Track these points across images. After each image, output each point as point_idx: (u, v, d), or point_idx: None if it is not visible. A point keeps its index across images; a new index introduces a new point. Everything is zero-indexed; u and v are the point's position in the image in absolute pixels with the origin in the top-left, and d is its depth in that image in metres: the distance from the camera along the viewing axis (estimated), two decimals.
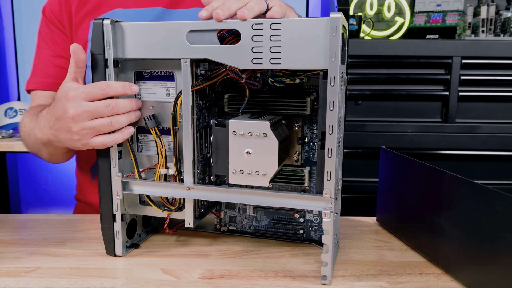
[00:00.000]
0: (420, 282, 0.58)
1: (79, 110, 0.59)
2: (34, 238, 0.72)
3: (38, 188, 2.01)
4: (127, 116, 0.60)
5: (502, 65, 1.41)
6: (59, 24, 0.87)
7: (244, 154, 0.57)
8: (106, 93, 0.59)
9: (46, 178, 2.01)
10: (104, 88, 0.59)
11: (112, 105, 0.59)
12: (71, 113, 0.59)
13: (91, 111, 0.59)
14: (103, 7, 0.85)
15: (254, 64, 0.55)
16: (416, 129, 1.46)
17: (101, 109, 0.59)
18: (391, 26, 1.72)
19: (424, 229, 0.64)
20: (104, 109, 0.59)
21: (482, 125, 1.44)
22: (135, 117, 0.62)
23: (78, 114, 0.59)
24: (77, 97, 0.59)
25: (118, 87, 0.59)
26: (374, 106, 1.47)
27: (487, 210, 0.52)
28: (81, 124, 0.59)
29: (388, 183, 0.75)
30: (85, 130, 0.60)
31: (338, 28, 0.51)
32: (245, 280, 0.58)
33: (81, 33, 0.85)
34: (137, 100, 0.62)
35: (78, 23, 0.85)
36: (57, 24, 0.87)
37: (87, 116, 0.59)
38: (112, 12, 0.85)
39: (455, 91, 1.43)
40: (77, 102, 0.59)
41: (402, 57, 1.44)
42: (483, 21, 1.51)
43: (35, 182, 1.97)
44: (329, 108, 0.53)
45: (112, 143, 0.61)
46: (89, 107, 0.59)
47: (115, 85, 0.59)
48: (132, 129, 0.61)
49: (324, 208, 0.55)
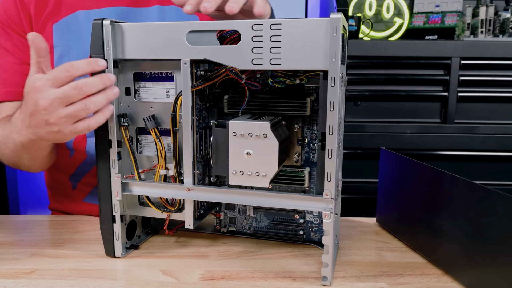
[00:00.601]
0: (421, 283, 0.58)
1: (49, 99, 0.55)
2: (33, 239, 0.72)
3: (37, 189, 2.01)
4: (103, 95, 0.57)
5: (501, 65, 1.41)
6: (19, 30, 0.81)
7: (244, 155, 0.57)
8: (72, 74, 0.56)
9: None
10: (68, 70, 0.56)
11: (80, 86, 0.55)
12: (42, 104, 0.56)
13: (61, 97, 0.55)
14: (63, 9, 0.81)
15: (254, 65, 0.55)
16: (415, 130, 1.46)
17: (69, 92, 0.55)
18: (390, 27, 1.72)
19: (424, 230, 0.64)
20: (73, 91, 0.55)
21: (481, 126, 1.44)
22: (113, 94, 0.58)
23: (49, 103, 0.56)
24: (44, 85, 0.56)
25: (82, 65, 0.56)
26: (373, 107, 1.47)
27: (488, 211, 0.51)
28: (56, 113, 0.56)
29: (388, 184, 0.75)
30: (62, 118, 0.56)
31: (339, 29, 0.51)
32: (245, 281, 0.58)
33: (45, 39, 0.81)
34: (109, 74, 0.58)
35: (40, 29, 0.80)
36: (17, 30, 0.82)
37: (59, 103, 0.56)
38: (74, 14, 0.81)
39: (454, 91, 1.43)
40: (45, 91, 0.56)
41: (401, 57, 1.44)
42: (482, 22, 1.51)
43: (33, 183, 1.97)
44: (329, 109, 0.53)
45: (96, 125, 0.58)
46: (57, 93, 0.55)
47: (79, 64, 0.56)
48: (112, 106, 0.59)
49: (325, 209, 0.55)
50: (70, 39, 0.79)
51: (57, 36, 0.79)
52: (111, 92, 0.58)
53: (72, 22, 0.80)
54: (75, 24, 0.80)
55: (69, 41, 0.79)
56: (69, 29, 0.79)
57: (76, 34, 0.79)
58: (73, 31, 0.79)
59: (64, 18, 0.80)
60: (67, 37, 0.79)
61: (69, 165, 0.87)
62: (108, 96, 0.58)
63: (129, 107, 0.64)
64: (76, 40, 0.79)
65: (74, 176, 0.88)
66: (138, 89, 0.64)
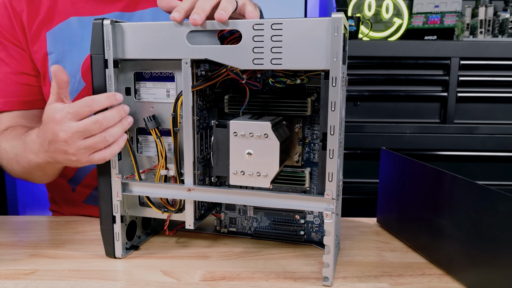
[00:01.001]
0: (422, 283, 0.58)
1: (69, 132, 0.57)
2: (32, 240, 0.72)
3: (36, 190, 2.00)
4: (120, 126, 0.59)
5: (500, 66, 1.41)
6: (13, 39, 0.81)
7: (245, 155, 0.57)
8: (93, 109, 0.58)
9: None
10: (90, 105, 0.57)
11: (100, 120, 0.57)
12: (63, 137, 0.58)
13: (82, 131, 0.57)
14: (56, 16, 0.81)
15: (255, 65, 0.55)
16: (415, 130, 1.46)
17: (90, 127, 0.57)
18: (389, 27, 1.72)
19: (425, 230, 0.64)
20: (94, 126, 0.57)
21: (480, 126, 1.44)
22: (128, 124, 0.61)
23: (70, 137, 0.57)
24: (64, 118, 0.57)
25: (103, 100, 0.58)
26: (373, 107, 1.47)
27: (489, 211, 0.51)
28: (75, 145, 0.58)
29: (389, 184, 0.75)
30: (81, 150, 0.58)
31: (340, 28, 0.51)
32: (246, 282, 0.58)
33: (39, 46, 0.80)
34: (124, 106, 0.60)
35: (34, 36, 0.80)
36: (11, 39, 0.81)
37: (79, 137, 0.58)
38: (67, 21, 0.80)
39: (453, 92, 1.43)
40: (65, 124, 0.57)
41: (400, 58, 1.44)
42: (481, 22, 1.51)
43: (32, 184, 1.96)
44: (330, 109, 0.52)
45: (111, 156, 0.60)
46: (78, 128, 0.57)
47: (99, 98, 0.58)
48: (125, 136, 0.61)
49: (326, 209, 0.55)
50: (64, 46, 0.79)
51: (50, 43, 0.79)
52: (126, 122, 0.60)
53: (65, 29, 0.80)
54: (68, 30, 0.80)
55: (62, 47, 0.79)
56: (62, 36, 0.79)
57: (69, 41, 0.79)
58: (66, 38, 0.79)
59: (57, 26, 0.80)
60: (60, 44, 0.79)
61: (69, 168, 0.87)
62: (124, 127, 0.60)
63: (129, 107, 0.63)
64: (70, 47, 0.79)
65: (74, 179, 0.88)
66: (138, 89, 0.64)
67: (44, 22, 0.80)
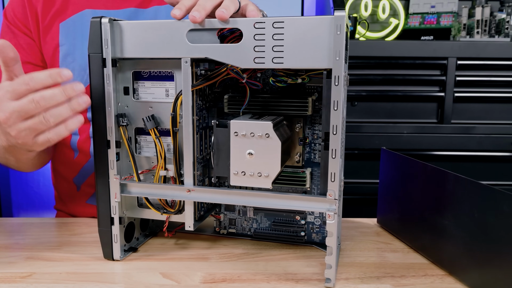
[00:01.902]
0: (425, 284, 0.57)
1: (6, 112, 0.53)
2: (28, 242, 0.71)
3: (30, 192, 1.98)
4: (66, 106, 0.54)
5: (497, 66, 1.41)
6: (25, 28, 0.80)
7: (246, 155, 0.56)
8: (31, 88, 0.53)
9: (38, 181, 1.98)
10: (27, 83, 0.53)
11: (36, 99, 0.52)
12: (1, 118, 0.54)
13: (18, 111, 0.53)
14: (71, 7, 0.80)
15: (256, 64, 0.54)
16: (412, 130, 1.46)
17: (26, 106, 0.52)
18: (386, 28, 1.72)
19: (427, 230, 0.64)
20: (30, 105, 0.52)
21: (477, 126, 1.44)
22: (79, 105, 0.54)
23: (7, 117, 0.53)
24: (3, 97, 0.53)
25: (43, 78, 0.53)
26: (370, 107, 1.47)
27: (494, 211, 0.51)
28: (15, 126, 0.54)
29: (389, 184, 0.74)
30: (22, 132, 0.54)
31: (343, 27, 0.50)
32: (247, 284, 0.57)
33: (51, 37, 0.79)
34: (75, 84, 0.54)
35: (47, 27, 0.79)
36: (22, 28, 0.80)
37: (17, 117, 0.53)
38: (81, 13, 0.80)
39: (450, 92, 1.43)
40: (3, 104, 0.53)
41: (397, 58, 1.44)
42: (478, 23, 1.51)
43: (26, 185, 1.94)
44: (333, 108, 0.52)
45: (58, 138, 0.55)
46: (15, 107, 0.53)
47: (39, 76, 0.53)
48: (80, 117, 0.55)
49: (328, 210, 0.54)
50: (76, 38, 0.78)
51: (63, 34, 0.78)
52: (77, 102, 0.55)
53: (78, 21, 0.79)
54: (81, 23, 0.79)
55: (74, 40, 0.78)
56: (75, 28, 0.79)
57: (81, 33, 0.78)
58: (79, 30, 0.79)
59: (71, 17, 0.79)
60: (72, 36, 0.78)
61: (74, 166, 0.87)
62: (73, 107, 0.54)
63: (128, 107, 0.63)
64: (82, 40, 0.78)
65: (78, 177, 0.88)
66: (136, 88, 0.63)
67: (58, 13, 0.79)
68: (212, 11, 0.55)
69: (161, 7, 0.84)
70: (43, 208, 1.99)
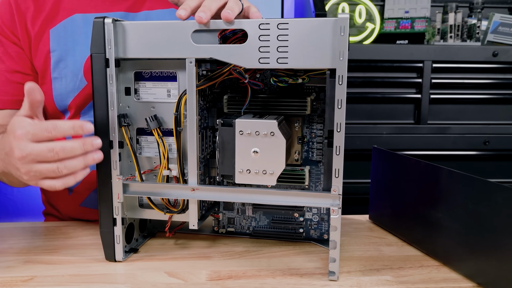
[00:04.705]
0: (422, 274, 0.60)
1: (24, 152, 0.54)
2: (24, 246, 0.69)
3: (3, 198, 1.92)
4: (81, 160, 0.56)
5: (470, 69, 1.48)
6: (13, 37, 0.78)
7: (251, 154, 0.57)
8: (52, 136, 0.55)
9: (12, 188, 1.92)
10: (50, 131, 0.54)
11: (56, 150, 0.54)
12: (17, 155, 0.55)
13: (35, 155, 0.54)
14: (61, 12, 0.79)
15: (261, 64, 0.55)
16: (391, 131, 1.51)
17: (45, 153, 0.54)
18: (363, 32, 1.77)
19: (421, 224, 0.66)
20: (48, 153, 0.54)
21: (452, 126, 1.50)
22: (93, 160, 0.57)
23: (23, 156, 0.55)
24: (23, 136, 0.55)
25: (66, 129, 0.55)
26: (351, 109, 1.50)
27: (488, 202, 0.54)
28: (27, 166, 0.55)
29: (381, 181, 0.77)
30: (31, 172, 0.56)
31: (346, 28, 0.52)
32: (253, 279, 0.58)
33: (43, 45, 0.78)
34: (95, 140, 0.56)
35: (38, 35, 0.78)
36: (11, 37, 0.78)
37: (32, 160, 0.55)
38: (71, 18, 0.79)
39: (426, 93, 1.49)
40: (22, 143, 0.55)
41: (376, 61, 1.48)
42: (451, 27, 1.58)
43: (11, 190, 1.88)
44: (337, 106, 0.54)
45: (62, 187, 0.57)
46: (33, 150, 0.54)
47: (63, 126, 0.55)
48: (87, 170, 0.57)
49: (332, 205, 0.56)
50: (67, 44, 0.77)
51: (54, 41, 0.77)
52: (91, 158, 0.56)
53: (69, 26, 0.78)
54: (72, 28, 0.78)
55: (65, 45, 0.77)
56: (66, 33, 0.77)
57: (72, 38, 0.77)
58: (69, 35, 0.77)
59: (61, 22, 0.78)
60: (63, 42, 0.77)
61: None
62: (87, 162, 0.56)
63: (129, 107, 0.63)
64: (73, 45, 0.77)
65: None
66: (137, 89, 0.63)
67: (48, 19, 0.77)
68: (216, 12, 0.56)
69: (152, 12, 0.84)
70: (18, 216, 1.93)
